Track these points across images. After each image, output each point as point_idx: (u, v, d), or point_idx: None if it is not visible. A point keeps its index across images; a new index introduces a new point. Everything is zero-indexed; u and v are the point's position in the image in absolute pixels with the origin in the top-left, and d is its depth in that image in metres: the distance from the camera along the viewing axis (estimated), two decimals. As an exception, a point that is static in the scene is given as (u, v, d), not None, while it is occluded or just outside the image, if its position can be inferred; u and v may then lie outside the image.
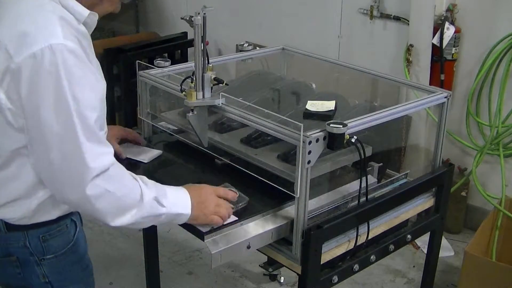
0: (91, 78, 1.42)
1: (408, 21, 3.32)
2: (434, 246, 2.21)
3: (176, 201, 1.55)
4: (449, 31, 3.15)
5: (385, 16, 3.51)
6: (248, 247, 1.65)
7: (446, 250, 3.25)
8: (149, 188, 1.50)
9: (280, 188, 1.72)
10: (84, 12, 1.47)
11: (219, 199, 1.64)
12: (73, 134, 1.37)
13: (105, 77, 1.59)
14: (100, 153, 1.41)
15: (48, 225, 1.55)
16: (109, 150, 1.45)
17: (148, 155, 2.03)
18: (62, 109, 1.36)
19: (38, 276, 1.58)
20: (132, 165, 1.96)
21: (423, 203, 2.08)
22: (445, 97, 2.00)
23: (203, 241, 1.58)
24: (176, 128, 2.17)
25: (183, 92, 1.83)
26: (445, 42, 3.16)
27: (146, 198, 1.48)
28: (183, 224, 1.63)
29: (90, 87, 1.41)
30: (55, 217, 1.55)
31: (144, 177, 1.53)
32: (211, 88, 1.82)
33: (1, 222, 1.52)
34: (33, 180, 1.48)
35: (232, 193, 1.69)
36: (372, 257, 1.89)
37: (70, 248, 1.61)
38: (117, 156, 1.64)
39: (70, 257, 1.62)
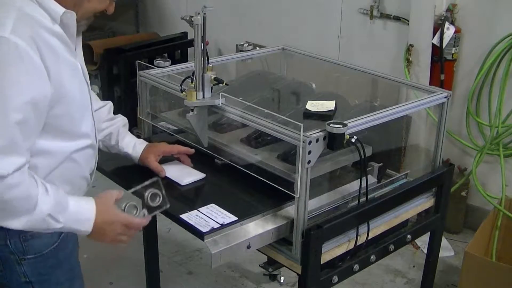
0: (24, 78, 1.37)
1: (408, 21, 3.32)
2: (434, 246, 2.21)
3: (77, 217, 1.50)
4: (449, 31, 3.15)
5: (385, 16, 3.51)
6: (248, 247, 1.65)
7: (446, 250, 3.25)
8: (47, 203, 1.44)
9: (280, 188, 1.72)
10: (59, 10, 1.45)
11: (124, 228, 1.56)
12: None
13: (105, 77, 1.58)
14: (2, 158, 1.36)
15: None
16: (18, 160, 1.39)
17: (187, 178, 1.89)
18: None
19: (19, 275, 1.57)
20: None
21: (423, 203, 2.08)
22: (445, 97, 2.00)
23: (203, 241, 1.58)
24: (176, 128, 2.17)
25: (183, 92, 1.83)
26: (445, 42, 3.16)
27: (38, 213, 1.43)
28: (182, 224, 1.64)
29: (19, 87, 1.36)
30: None
31: (52, 189, 1.47)
32: (211, 88, 1.82)
33: None
34: None
35: (137, 223, 1.58)
36: (372, 257, 1.89)
37: (52, 250, 1.59)
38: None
39: (51, 259, 1.60)
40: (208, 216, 1.66)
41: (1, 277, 1.58)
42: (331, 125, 1.61)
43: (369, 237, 1.82)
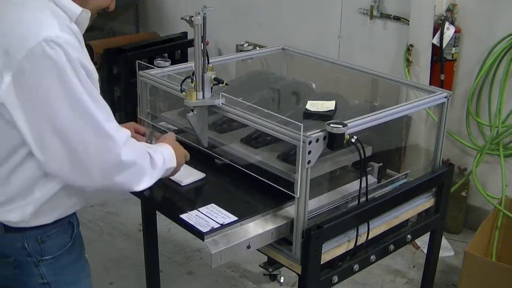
0: (88, 64, 1.44)
1: (408, 21, 3.32)
2: (434, 246, 2.21)
3: (169, 157, 1.66)
4: (449, 31, 3.15)
5: (385, 16, 3.51)
6: (248, 247, 1.65)
7: (446, 250, 3.25)
8: (154, 150, 1.60)
9: (280, 188, 1.72)
10: (77, 9, 1.47)
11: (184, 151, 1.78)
12: (90, 115, 1.41)
13: (105, 77, 1.61)
14: (118, 127, 1.48)
15: (46, 226, 1.55)
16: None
17: (187, 178, 1.89)
18: (73, 97, 1.38)
19: (36, 277, 1.57)
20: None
21: (423, 203, 2.08)
22: (445, 97, 2.00)
23: (203, 241, 1.58)
24: (176, 128, 2.17)
25: (183, 92, 1.83)
26: (445, 42, 3.16)
27: (157, 160, 1.58)
28: (182, 224, 1.64)
29: (90, 75, 1.44)
30: (52, 220, 1.55)
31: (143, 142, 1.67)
32: (211, 88, 1.82)
33: None
34: (27, 179, 1.48)
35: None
36: (372, 257, 1.89)
37: (67, 249, 1.61)
38: None
39: (67, 258, 1.61)
40: (208, 216, 1.66)
41: (17, 281, 1.58)
42: (331, 125, 1.61)
43: (369, 237, 1.82)
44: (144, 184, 1.54)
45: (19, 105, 1.37)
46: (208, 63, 1.79)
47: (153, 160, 1.56)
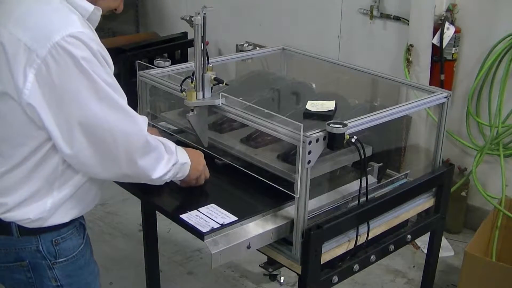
0: (107, 56, 1.48)
1: (408, 21, 3.32)
2: (434, 246, 2.21)
3: (179, 151, 1.66)
4: (449, 31, 3.15)
5: (385, 16, 3.51)
6: (248, 247, 1.65)
7: (446, 250, 3.25)
8: (165, 139, 1.62)
9: (280, 188, 1.72)
10: (89, 7, 1.49)
11: (203, 159, 1.80)
12: (117, 104, 1.45)
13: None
14: (137, 114, 1.52)
15: (60, 228, 1.56)
16: None
17: None
18: (100, 89, 1.40)
19: (50, 280, 1.58)
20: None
21: (423, 203, 2.08)
22: (445, 97, 2.00)
23: (203, 241, 1.58)
24: (176, 128, 2.17)
25: (183, 92, 1.83)
26: (445, 42, 3.16)
27: (169, 149, 1.60)
28: (182, 224, 1.64)
29: (110, 67, 1.49)
30: (69, 219, 1.56)
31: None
32: (211, 88, 1.82)
33: (14, 226, 1.51)
34: (47, 178, 1.49)
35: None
36: (372, 257, 1.89)
37: (80, 251, 1.62)
38: None
39: (80, 260, 1.62)
40: (208, 216, 1.66)
41: (30, 285, 1.58)
42: (331, 125, 1.61)
43: (369, 237, 1.82)
44: (159, 171, 1.56)
45: (45, 101, 1.38)
46: (208, 63, 1.79)
47: (166, 146, 1.59)
